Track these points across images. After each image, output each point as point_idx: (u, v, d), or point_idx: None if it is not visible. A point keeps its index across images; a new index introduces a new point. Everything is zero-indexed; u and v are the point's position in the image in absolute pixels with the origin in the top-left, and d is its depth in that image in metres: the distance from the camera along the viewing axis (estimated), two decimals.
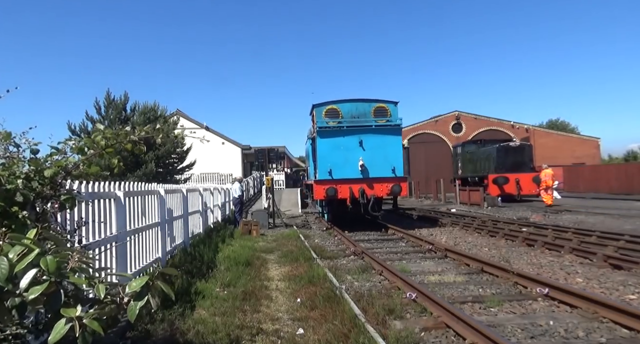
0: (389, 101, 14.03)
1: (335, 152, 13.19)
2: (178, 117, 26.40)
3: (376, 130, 13.43)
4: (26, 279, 1.47)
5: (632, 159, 48.17)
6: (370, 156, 13.21)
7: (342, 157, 13.20)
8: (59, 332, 1.44)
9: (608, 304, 4.76)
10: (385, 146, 13.34)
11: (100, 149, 2.42)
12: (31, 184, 2.21)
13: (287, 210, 21.80)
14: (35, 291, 1.45)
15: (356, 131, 13.34)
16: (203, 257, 8.18)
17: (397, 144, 13.59)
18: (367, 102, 13.92)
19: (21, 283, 1.46)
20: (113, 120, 20.14)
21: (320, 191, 13.20)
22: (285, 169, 40.86)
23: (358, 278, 7.00)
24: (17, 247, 1.50)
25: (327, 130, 13.40)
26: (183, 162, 23.27)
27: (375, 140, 13.32)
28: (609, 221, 13.53)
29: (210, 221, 13.44)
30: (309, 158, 16.82)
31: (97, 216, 4.75)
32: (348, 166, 13.14)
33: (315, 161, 14.07)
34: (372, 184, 13.10)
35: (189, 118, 34.55)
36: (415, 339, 4.20)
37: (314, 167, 14.55)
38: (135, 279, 1.66)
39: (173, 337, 4.14)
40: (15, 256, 1.47)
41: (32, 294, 1.44)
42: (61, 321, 1.46)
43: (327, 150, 13.30)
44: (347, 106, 13.87)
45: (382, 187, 13.21)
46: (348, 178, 13.10)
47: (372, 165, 13.17)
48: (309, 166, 17.02)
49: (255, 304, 5.47)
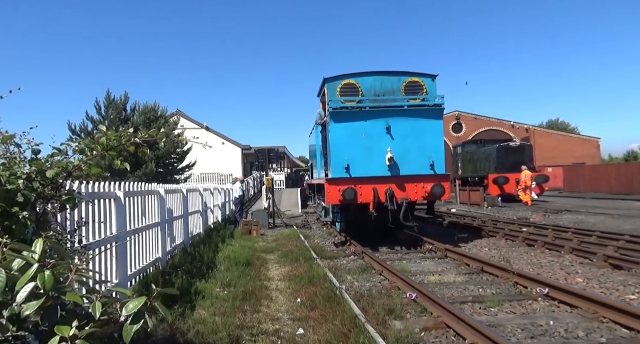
0: (424, 74, 10.54)
1: (354, 141, 9.69)
2: (178, 117, 26.41)
3: (409, 112, 9.93)
4: (23, 293, 1.45)
5: (632, 159, 48.17)
6: (401, 146, 9.71)
7: (363, 148, 9.67)
8: None
9: (608, 304, 4.76)
10: (421, 132, 9.79)
11: (102, 150, 2.42)
12: (32, 184, 2.21)
13: (287, 210, 21.80)
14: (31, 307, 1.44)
15: (382, 113, 9.82)
16: (203, 257, 8.18)
17: (436, 131, 9.96)
18: (395, 76, 10.44)
19: (18, 297, 1.45)
20: (113, 120, 20.14)
21: (333, 194, 9.54)
22: (286, 169, 40.87)
23: (358, 277, 7.01)
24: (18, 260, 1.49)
25: (343, 112, 9.81)
26: (183, 162, 23.27)
27: (407, 125, 9.79)
28: (609, 221, 13.53)
29: (210, 221, 13.44)
30: (315, 152, 13.40)
31: (97, 216, 4.75)
32: (371, 160, 9.67)
33: (326, 153, 10.65)
34: (403, 184, 9.65)
35: (189, 118, 34.55)
36: (415, 339, 4.20)
37: (323, 162, 11.25)
38: (132, 299, 1.62)
39: (173, 337, 4.14)
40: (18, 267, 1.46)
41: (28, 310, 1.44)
42: (55, 338, 1.44)
43: (343, 138, 9.74)
44: (369, 81, 10.32)
45: (417, 188, 9.70)
46: (371, 176, 9.58)
47: (403, 158, 9.71)
48: (316, 161, 13.57)
49: (255, 304, 5.47)
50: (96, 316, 1.54)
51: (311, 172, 17.11)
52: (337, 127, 9.87)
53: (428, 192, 9.63)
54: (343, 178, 9.63)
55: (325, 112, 10.75)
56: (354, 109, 9.90)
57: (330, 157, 9.96)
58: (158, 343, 4.05)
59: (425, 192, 9.67)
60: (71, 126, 20.45)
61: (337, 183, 9.59)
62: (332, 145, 9.92)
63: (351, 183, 9.51)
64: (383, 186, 9.58)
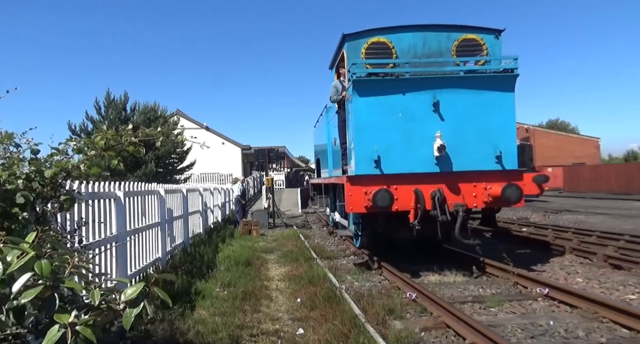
0: (484, 29, 7.52)
1: (387, 122, 6.81)
2: (178, 117, 26.43)
3: (466, 81, 6.93)
4: (19, 283, 1.45)
5: (632, 159, 48.18)
6: (455, 129, 6.79)
7: (400, 133, 6.77)
8: (52, 339, 1.42)
9: (608, 304, 4.76)
10: (484, 110, 6.88)
11: (100, 149, 2.42)
12: (31, 184, 2.21)
13: (287, 210, 21.81)
14: (28, 295, 1.43)
15: (427, 84, 6.86)
16: (203, 257, 8.18)
17: (505, 108, 6.94)
18: (443, 31, 7.47)
19: (14, 287, 1.45)
20: (113, 120, 20.14)
21: (358, 198, 6.68)
22: (286, 169, 40.88)
23: (358, 278, 7.00)
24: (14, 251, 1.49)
25: (371, 82, 6.86)
26: (183, 162, 23.29)
27: (463, 100, 6.87)
28: (609, 220, 13.53)
29: (210, 221, 13.44)
30: (326, 144, 10.67)
31: (97, 216, 4.75)
32: (412, 150, 6.76)
33: (345, 142, 7.92)
34: (457, 184, 6.76)
35: (189, 118, 34.56)
36: (415, 339, 4.20)
37: (340, 154, 8.51)
38: (131, 285, 1.63)
39: (173, 337, 4.14)
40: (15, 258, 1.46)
41: (25, 298, 1.43)
42: (54, 327, 1.44)
43: (371, 119, 6.81)
44: (406, 39, 7.36)
45: (477, 190, 6.79)
46: (413, 173, 6.73)
47: (458, 148, 6.75)
48: (327, 154, 10.63)
49: (255, 304, 5.47)
50: (95, 302, 1.53)
51: (317, 170, 14.29)
52: (363, 103, 6.78)
53: (495, 196, 6.59)
54: (372, 176, 6.65)
55: (343, 85, 8.01)
56: (387, 78, 6.93)
57: (354, 147, 6.88)
58: (158, 343, 4.05)
59: (490, 197, 6.65)
60: (71, 126, 20.47)
61: (363, 183, 6.65)
62: (356, 128, 6.81)
63: (384, 183, 6.61)
64: (429, 186, 6.61)
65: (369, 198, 6.53)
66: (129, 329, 1.57)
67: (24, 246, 1.54)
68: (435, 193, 6.52)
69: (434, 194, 6.53)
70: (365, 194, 6.61)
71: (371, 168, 6.74)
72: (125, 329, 1.57)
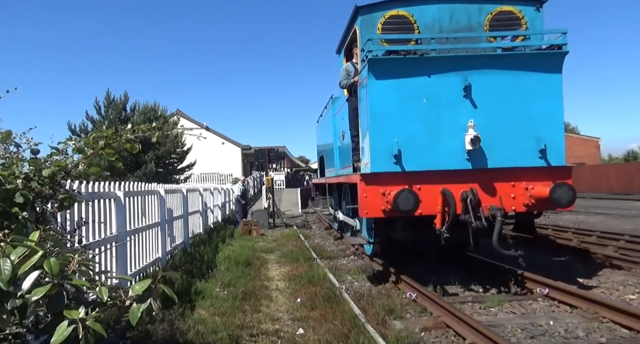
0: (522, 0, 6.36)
1: (408, 110, 5.80)
2: (178, 117, 26.45)
3: (502, 60, 5.91)
4: (29, 281, 1.47)
5: (632, 159, 48.18)
6: (491, 118, 5.77)
7: (424, 123, 5.79)
8: (62, 334, 1.44)
9: (608, 304, 4.76)
10: (525, 95, 5.83)
11: (98, 148, 2.43)
12: (31, 184, 2.21)
13: (287, 210, 21.81)
14: (38, 293, 1.45)
15: (456, 64, 5.84)
16: (203, 257, 8.18)
17: (551, 92, 5.90)
18: (474, 2, 6.38)
19: (23, 285, 1.46)
20: (113, 120, 20.15)
21: (374, 199, 5.76)
22: (286, 169, 40.89)
23: (358, 278, 7.00)
24: (20, 249, 1.50)
25: (390, 61, 5.82)
26: (183, 162, 23.30)
27: (500, 82, 5.83)
28: (609, 220, 13.53)
29: (210, 221, 13.44)
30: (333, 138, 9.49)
31: (97, 216, 4.75)
32: (439, 143, 5.79)
33: (357, 135, 6.78)
34: (492, 183, 5.77)
35: (189, 118, 34.57)
36: (415, 339, 4.20)
37: (351, 148, 7.33)
38: (138, 282, 1.67)
39: (173, 337, 4.14)
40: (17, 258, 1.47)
41: (35, 296, 1.44)
42: (64, 323, 1.47)
43: (390, 105, 5.81)
44: (430, 11, 6.32)
45: (518, 190, 5.76)
46: (439, 170, 5.74)
47: (493, 140, 5.75)
48: (334, 150, 9.46)
49: (255, 304, 5.47)
50: (104, 299, 1.57)
51: (320, 169, 13.11)
52: (381, 87, 5.74)
53: (539, 197, 5.54)
54: (391, 174, 5.64)
55: (356, 67, 6.95)
56: (409, 57, 5.80)
57: (370, 139, 5.78)
58: (158, 343, 4.05)
59: (533, 198, 5.61)
60: (71, 126, 20.49)
61: (381, 182, 5.66)
62: (372, 118, 5.77)
63: (405, 182, 5.60)
64: (459, 186, 5.62)
65: (387, 200, 5.48)
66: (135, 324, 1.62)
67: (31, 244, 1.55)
68: (467, 194, 5.53)
69: (465, 196, 5.53)
70: (383, 195, 5.60)
71: (390, 164, 5.68)
72: (132, 324, 1.61)
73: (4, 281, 1.41)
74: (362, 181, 5.79)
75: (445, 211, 5.58)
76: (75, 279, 1.55)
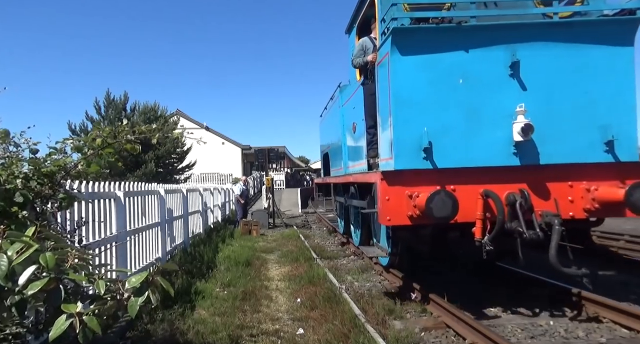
0: None
1: (440, 93, 4.68)
2: (178, 117, 26.44)
3: (558, 29, 4.67)
4: (25, 276, 1.47)
5: None
6: (544, 102, 4.63)
7: (460, 108, 4.67)
8: (60, 328, 1.46)
9: (608, 304, 4.75)
10: (587, 73, 4.64)
11: (98, 148, 2.43)
12: (30, 183, 2.21)
13: (287, 210, 21.82)
14: (34, 287, 1.45)
15: (499, 36, 4.66)
16: (203, 257, 8.18)
17: (620, 69, 4.63)
18: None
19: (20, 280, 1.47)
20: (113, 120, 20.16)
21: (398, 203, 4.66)
22: (286, 169, 40.91)
23: (358, 278, 7.00)
24: (16, 245, 1.51)
25: (418, 32, 4.68)
26: (183, 162, 23.30)
27: (556, 57, 4.65)
28: (608, 220, 13.47)
29: (210, 221, 13.44)
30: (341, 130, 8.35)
31: (97, 216, 4.75)
32: (479, 133, 4.66)
33: (375, 124, 5.71)
34: (544, 183, 4.68)
35: (189, 118, 34.58)
36: (415, 339, 4.20)
37: (366, 141, 6.26)
38: (135, 275, 1.69)
39: (173, 337, 4.14)
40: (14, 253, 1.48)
41: (32, 290, 1.45)
42: (62, 317, 1.48)
43: (418, 87, 4.67)
44: None
45: (576, 191, 4.66)
46: (479, 167, 4.64)
47: (548, 129, 4.59)
48: (341, 145, 8.35)
49: (255, 304, 5.47)
50: (101, 292, 1.58)
51: (324, 168, 11.75)
52: (408, 64, 4.64)
53: (605, 200, 4.51)
54: (420, 171, 4.60)
55: (374, 43, 5.88)
56: (443, 26, 4.72)
57: (393, 129, 4.69)
58: (158, 343, 4.05)
59: (596, 202, 4.56)
60: (71, 126, 20.49)
61: (407, 181, 4.62)
62: (396, 102, 4.67)
63: (436, 181, 4.57)
64: (505, 187, 4.58)
65: (416, 204, 4.47)
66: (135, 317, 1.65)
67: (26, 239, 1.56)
68: (515, 197, 4.44)
69: (512, 199, 4.44)
70: (409, 198, 4.56)
71: (418, 160, 4.57)
72: (132, 317, 1.62)
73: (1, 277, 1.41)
74: (383, 181, 4.69)
75: (486, 218, 4.50)
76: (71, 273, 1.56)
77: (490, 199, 4.47)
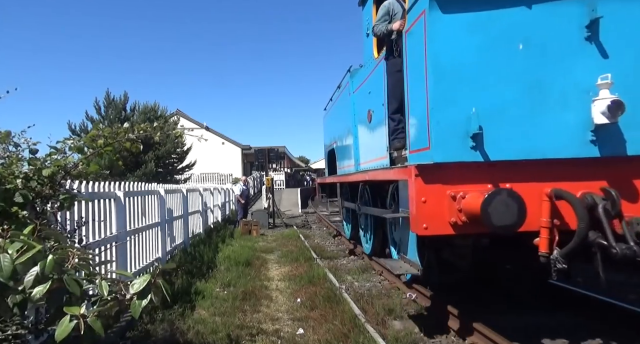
0: None
1: (493, 63, 3.49)
2: (178, 117, 26.46)
3: None
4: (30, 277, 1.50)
5: None
6: (631, 75, 3.39)
7: (519, 83, 3.48)
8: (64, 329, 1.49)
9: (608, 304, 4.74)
10: None
11: (98, 147, 2.44)
12: (30, 183, 2.21)
13: (287, 210, 21.83)
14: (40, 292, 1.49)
15: None
16: (203, 257, 8.18)
17: None
18: None
19: (25, 281, 1.49)
20: (113, 120, 20.16)
21: (438, 206, 3.58)
22: (286, 169, 40.92)
23: (358, 278, 7.00)
24: (17, 244, 1.53)
25: None
26: (183, 162, 23.32)
27: None
28: None
29: (210, 221, 13.45)
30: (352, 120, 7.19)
31: (97, 216, 4.75)
32: (544, 115, 3.47)
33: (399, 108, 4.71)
34: (630, 180, 3.53)
35: (189, 118, 34.59)
36: (415, 339, 4.20)
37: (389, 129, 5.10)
38: (138, 278, 1.73)
39: (173, 337, 4.14)
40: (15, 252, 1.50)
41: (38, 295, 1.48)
42: (66, 318, 1.50)
43: (464, 55, 3.49)
44: None
45: None
46: (544, 159, 3.48)
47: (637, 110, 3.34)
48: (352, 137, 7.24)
49: (255, 304, 5.47)
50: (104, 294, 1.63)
51: (329, 166, 10.49)
52: (450, 25, 3.58)
53: None
54: (467, 164, 3.62)
55: (403, 5, 4.91)
56: None
57: (431, 109, 3.66)
58: (158, 343, 4.05)
59: None
60: (71, 126, 20.50)
61: (449, 177, 3.66)
62: (435, 74, 3.62)
63: (488, 177, 3.64)
64: (579, 185, 3.57)
65: (462, 208, 3.46)
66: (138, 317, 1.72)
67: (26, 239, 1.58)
68: (596, 200, 3.34)
69: (592, 201, 3.35)
70: (452, 199, 3.55)
71: (465, 150, 3.53)
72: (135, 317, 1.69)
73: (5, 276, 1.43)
74: (417, 178, 3.62)
75: (555, 226, 3.43)
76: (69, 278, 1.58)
77: (564, 201, 3.37)
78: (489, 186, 3.53)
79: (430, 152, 3.63)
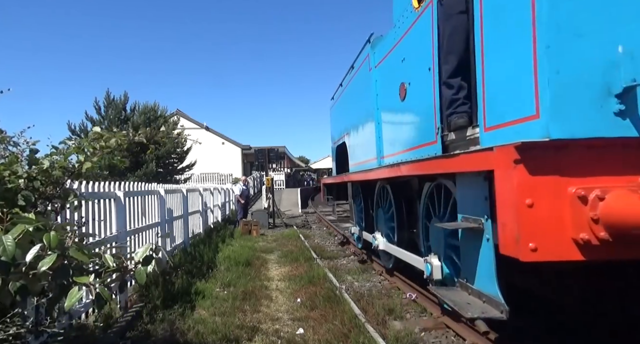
0: None
1: None
2: (178, 117, 26.43)
3: None
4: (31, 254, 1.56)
5: None
6: None
7: None
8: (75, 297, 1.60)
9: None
10: None
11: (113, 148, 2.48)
12: (33, 184, 2.21)
13: (287, 210, 21.83)
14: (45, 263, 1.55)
15: None
16: (203, 257, 8.18)
17: None
18: None
19: (27, 257, 1.56)
20: (113, 120, 20.16)
21: (557, 212, 2.16)
22: (286, 169, 40.92)
23: (358, 278, 7.00)
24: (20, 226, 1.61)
25: None
26: (183, 162, 23.31)
27: None
28: None
29: (210, 221, 13.45)
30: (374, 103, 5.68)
31: (97, 216, 4.76)
32: None
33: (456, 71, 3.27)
34: None
35: (189, 118, 34.58)
36: (415, 339, 4.20)
37: (449, 99, 3.36)
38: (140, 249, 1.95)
39: (173, 337, 4.15)
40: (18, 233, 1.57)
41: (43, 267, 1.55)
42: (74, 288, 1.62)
43: None
44: None
45: None
46: None
47: None
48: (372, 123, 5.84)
49: (255, 304, 5.47)
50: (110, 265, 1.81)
51: (339, 163, 8.96)
52: None
53: None
54: (607, 143, 2.18)
55: None
56: None
57: (544, 42, 2.19)
58: (158, 342, 4.05)
59: None
60: (71, 126, 20.49)
61: (575, 164, 2.19)
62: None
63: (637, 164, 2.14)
64: None
65: (598, 216, 2.12)
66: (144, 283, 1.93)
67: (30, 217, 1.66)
68: None
69: None
70: (582, 201, 2.20)
71: (605, 118, 2.21)
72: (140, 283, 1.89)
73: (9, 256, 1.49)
74: (519, 165, 2.25)
75: None
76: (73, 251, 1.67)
77: None
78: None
79: (541, 123, 2.28)
